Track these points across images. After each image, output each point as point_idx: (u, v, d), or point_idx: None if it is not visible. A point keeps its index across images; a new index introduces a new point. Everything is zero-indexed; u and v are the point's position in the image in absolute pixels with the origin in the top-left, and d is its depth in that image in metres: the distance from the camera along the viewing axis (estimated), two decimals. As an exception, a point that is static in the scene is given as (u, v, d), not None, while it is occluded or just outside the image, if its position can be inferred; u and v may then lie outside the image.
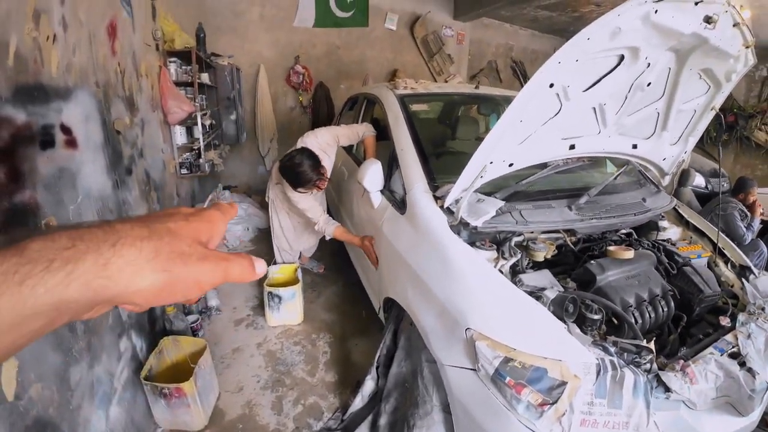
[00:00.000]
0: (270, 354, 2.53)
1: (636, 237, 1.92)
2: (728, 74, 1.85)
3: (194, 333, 2.49)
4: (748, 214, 3.56)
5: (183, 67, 3.35)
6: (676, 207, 2.16)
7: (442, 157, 2.35)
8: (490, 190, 1.71)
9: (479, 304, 1.34)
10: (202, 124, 3.46)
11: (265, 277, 2.83)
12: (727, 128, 7.49)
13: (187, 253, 0.30)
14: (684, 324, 1.62)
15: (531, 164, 1.68)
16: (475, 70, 7.58)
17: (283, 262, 3.02)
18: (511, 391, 1.17)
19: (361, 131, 2.62)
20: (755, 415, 1.44)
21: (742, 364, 1.42)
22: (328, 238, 2.55)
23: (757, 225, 3.60)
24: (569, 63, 1.32)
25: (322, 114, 5.73)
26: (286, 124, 5.79)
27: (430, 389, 1.53)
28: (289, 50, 5.54)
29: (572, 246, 1.71)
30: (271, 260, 3.14)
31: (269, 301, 2.68)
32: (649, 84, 1.65)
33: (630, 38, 1.40)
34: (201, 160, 3.46)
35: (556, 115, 1.51)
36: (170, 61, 3.17)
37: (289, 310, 2.72)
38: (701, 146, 7.37)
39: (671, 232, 2.08)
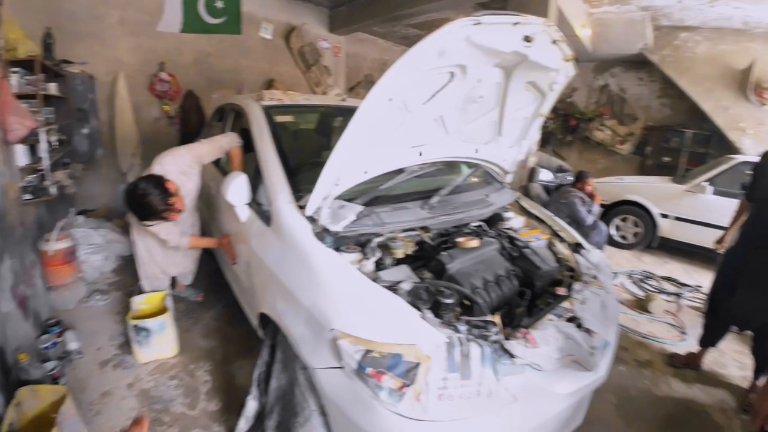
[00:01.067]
0: (144, 393, 2.31)
1: (485, 228, 2.18)
2: (551, 85, 2.14)
3: (55, 380, 2.20)
4: (587, 200, 4.21)
5: (26, 78, 2.95)
6: (519, 200, 2.50)
7: (312, 168, 2.39)
8: (352, 196, 1.80)
9: (340, 304, 1.41)
10: (48, 140, 3.05)
11: (128, 310, 2.58)
12: (570, 130, 8.82)
13: None
14: (530, 297, 1.84)
15: (386, 171, 1.81)
16: (353, 83, 7.86)
17: (153, 291, 2.77)
18: (373, 380, 1.25)
19: (225, 143, 2.52)
20: (602, 370, 1.65)
21: (580, 326, 1.64)
22: (186, 249, 2.43)
23: (596, 209, 4.27)
24: (403, 80, 1.45)
25: (192, 124, 5.38)
26: (151, 136, 5.31)
27: (307, 396, 1.55)
28: (153, 57, 5.15)
29: (430, 241, 1.89)
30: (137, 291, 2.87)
31: (135, 335, 2.44)
32: (481, 97, 1.89)
33: (456, 57, 1.58)
34: (47, 183, 3.03)
35: (401, 125, 1.66)
36: (12, 72, 2.78)
37: (160, 342, 2.50)
38: (550, 146, 8.62)
39: (515, 221, 2.37)
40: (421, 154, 1.86)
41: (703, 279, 4.39)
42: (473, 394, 1.28)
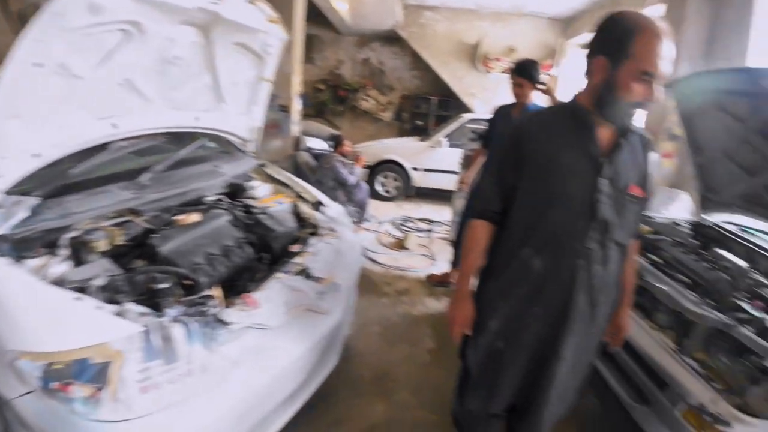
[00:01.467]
0: None
1: (223, 201, 2.09)
2: (265, 48, 2.11)
3: None
4: (348, 162, 4.56)
5: None
6: (264, 167, 2.49)
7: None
8: (32, 187, 1.45)
9: (13, 321, 1.15)
10: None
11: None
12: (340, 101, 9.48)
13: None
14: (269, 261, 1.86)
15: (71, 151, 1.52)
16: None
17: None
18: (62, 394, 1.08)
19: None
20: (337, 310, 1.77)
21: (309, 276, 1.73)
22: None
23: (359, 170, 4.68)
24: (53, 41, 1.21)
25: None
26: None
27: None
28: None
29: (149, 225, 1.69)
30: None
31: None
32: (177, 57, 1.72)
33: (123, 13, 1.38)
34: None
35: (72, 94, 1.40)
36: None
37: None
38: (323, 116, 9.12)
39: (262, 189, 2.33)
40: (115, 126, 1.61)
41: (447, 214, 5.39)
42: (184, 374, 1.22)
